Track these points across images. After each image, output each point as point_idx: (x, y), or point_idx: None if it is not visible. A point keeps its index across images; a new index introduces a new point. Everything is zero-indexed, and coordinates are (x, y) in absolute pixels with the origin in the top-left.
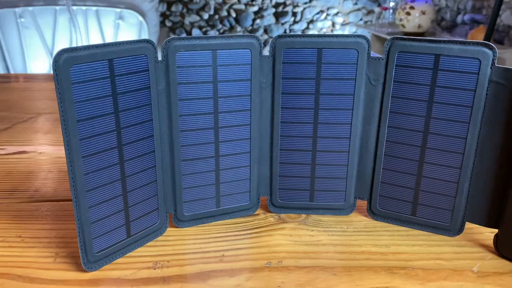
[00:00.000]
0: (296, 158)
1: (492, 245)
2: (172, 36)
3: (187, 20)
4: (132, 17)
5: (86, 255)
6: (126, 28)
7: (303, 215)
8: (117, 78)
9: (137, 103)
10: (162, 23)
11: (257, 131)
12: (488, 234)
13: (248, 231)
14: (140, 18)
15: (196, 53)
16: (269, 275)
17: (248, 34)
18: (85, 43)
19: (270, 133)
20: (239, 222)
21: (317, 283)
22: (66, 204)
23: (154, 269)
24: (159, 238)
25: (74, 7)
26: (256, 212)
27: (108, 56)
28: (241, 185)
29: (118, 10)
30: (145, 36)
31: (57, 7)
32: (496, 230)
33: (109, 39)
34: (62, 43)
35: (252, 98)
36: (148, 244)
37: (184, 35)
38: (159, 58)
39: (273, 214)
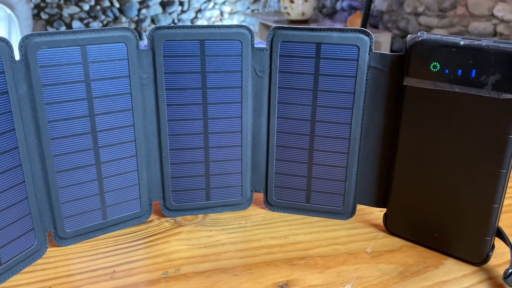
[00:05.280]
0: (188, 157)
1: (382, 224)
2: (50, 30)
3: (65, 12)
4: None
5: None
6: None
7: (200, 216)
8: None
9: None
10: (37, 16)
11: (142, 131)
12: (378, 213)
13: (141, 241)
14: (8, 10)
15: (62, 50)
16: (167, 286)
17: (121, 26)
18: None
19: (157, 133)
20: (131, 232)
21: (218, 287)
22: None
23: None
24: (38, 261)
25: None
26: (149, 219)
27: None
28: (129, 192)
29: None
30: (15, 31)
31: None
32: (384, 210)
33: None
34: None
35: (133, 96)
36: (25, 270)
37: (63, 28)
38: (17, 58)
39: (168, 218)
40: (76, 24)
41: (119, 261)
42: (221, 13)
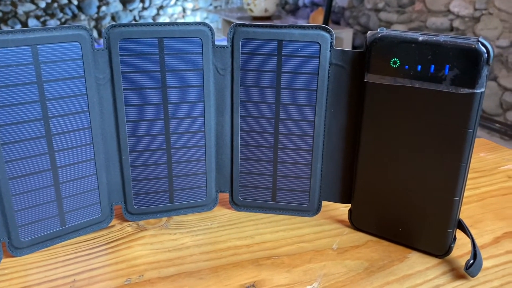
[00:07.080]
0: (149, 159)
1: (348, 220)
2: (3, 28)
3: (20, 10)
4: None
5: None
6: None
7: (164, 219)
8: None
9: None
10: None
11: (100, 134)
12: (343, 209)
13: (103, 247)
14: None
15: (10, 50)
16: None
17: (75, 24)
18: None
19: (116, 135)
20: (91, 238)
21: None
22: None
23: None
24: None
25: None
26: (110, 224)
27: None
28: (88, 197)
29: None
30: None
31: None
32: (349, 205)
33: None
34: None
35: (89, 97)
36: None
37: (19, 26)
38: None
39: (130, 223)
40: (32, 22)
41: (79, 269)
42: (184, 10)
